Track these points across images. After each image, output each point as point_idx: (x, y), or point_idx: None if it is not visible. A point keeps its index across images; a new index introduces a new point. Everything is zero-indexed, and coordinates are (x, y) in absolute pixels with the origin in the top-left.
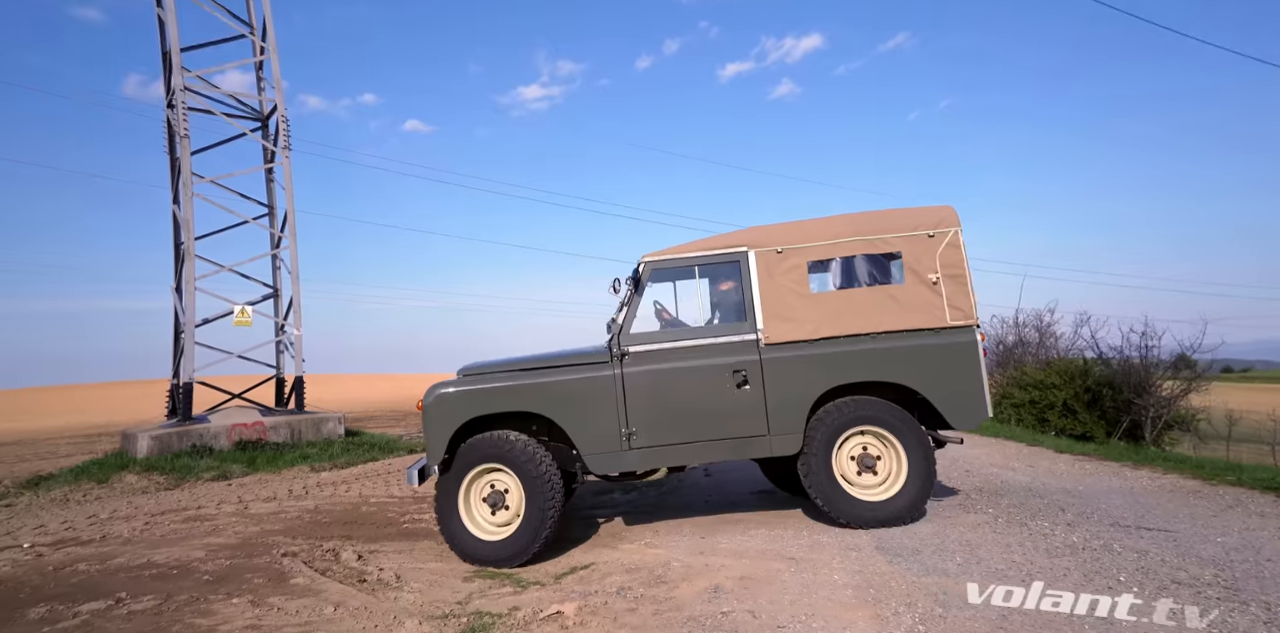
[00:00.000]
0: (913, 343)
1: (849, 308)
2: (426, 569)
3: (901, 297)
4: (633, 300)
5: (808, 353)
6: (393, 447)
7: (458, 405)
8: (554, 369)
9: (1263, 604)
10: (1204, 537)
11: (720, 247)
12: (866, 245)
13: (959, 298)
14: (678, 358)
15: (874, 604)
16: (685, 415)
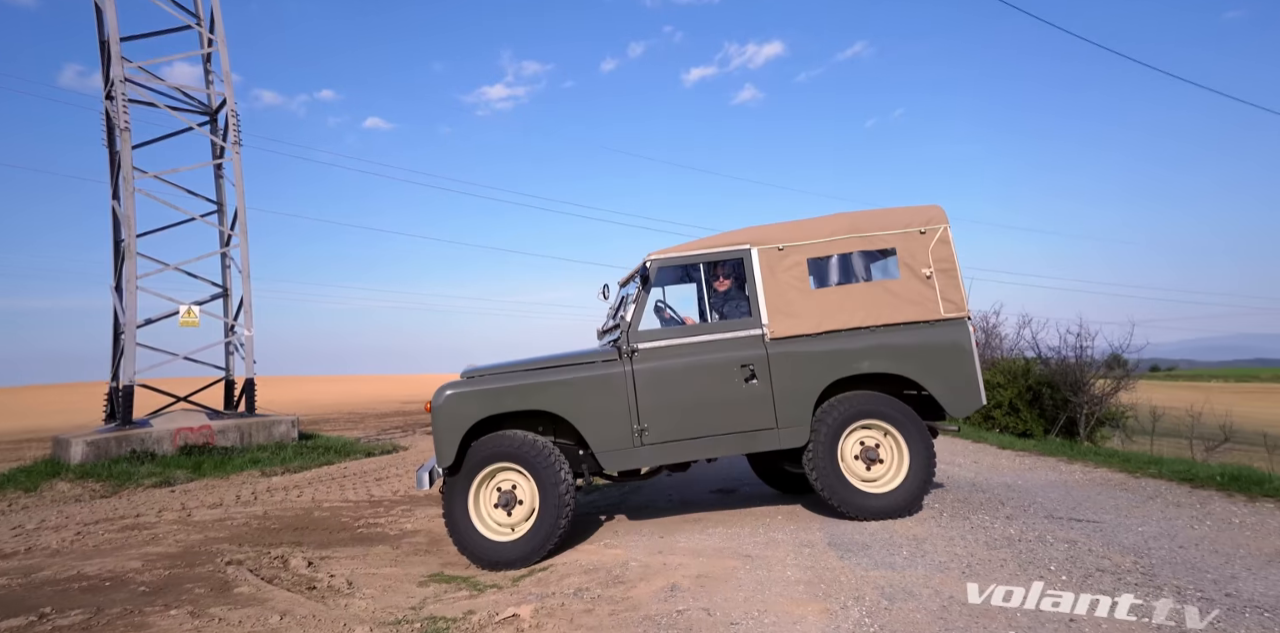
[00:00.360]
0: (910, 335)
1: (848, 303)
2: (380, 575)
3: (897, 291)
4: (640, 298)
5: (812, 347)
6: (349, 450)
7: (470, 405)
8: (564, 368)
9: (1174, 589)
10: (1127, 527)
11: (723, 245)
12: (863, 242)
13: (951, 291)
14: (686, 354)
15: (824, 599)
16: (695, 410)
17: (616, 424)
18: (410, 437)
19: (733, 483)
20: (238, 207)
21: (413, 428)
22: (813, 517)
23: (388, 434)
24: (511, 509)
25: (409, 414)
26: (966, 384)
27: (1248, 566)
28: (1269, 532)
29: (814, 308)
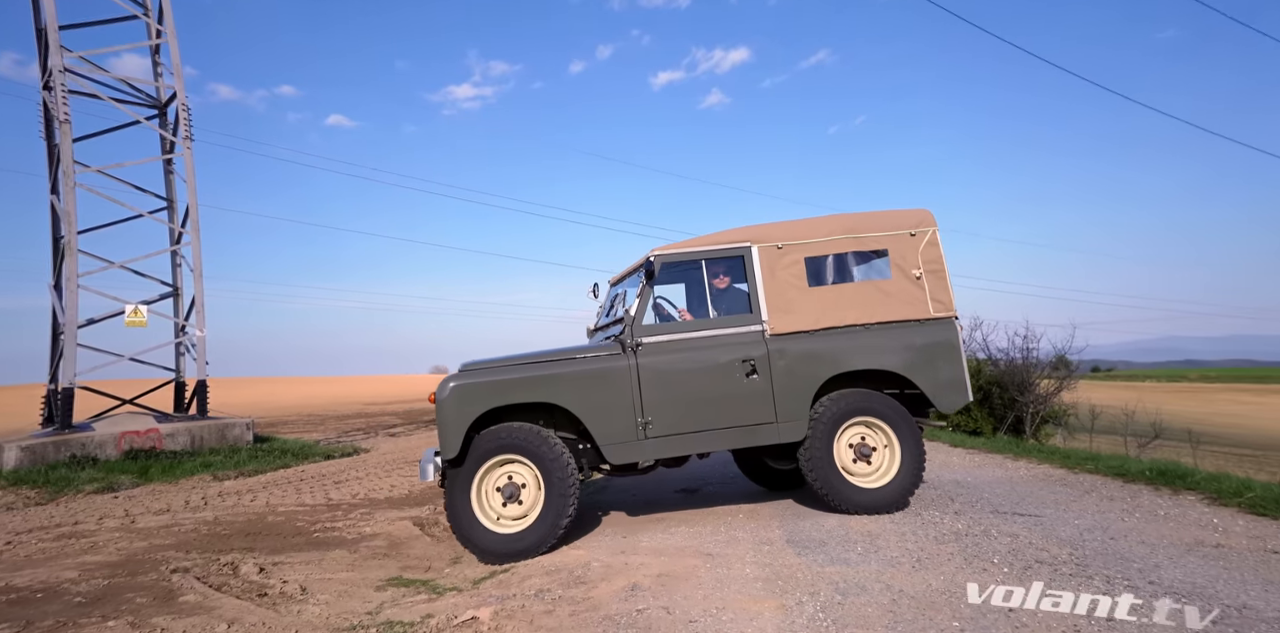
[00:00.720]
0: (902, 333)
1: (843, 301)
2: (336, 579)
3: (889, 290)
4: (645, 293)
5: (810, 343)
6: (308, 453)
7: (476, 396)
8: (569, 362)
9: (1104, 578)
10: (1064, 520)
11: (725, 242)
12: (856, 243)
13: (940, 291)
14: (689, 349)
15: (780, 595)
16: (698, 404)
17: (621, 418)
18: (372, 439)
19: (696, 483)
20: (189, 203)
21: (375, 430)
22: (773, 514)
23: (349, 437)
24: (516, 502)
25: (372, 416)
26: (955, 381)
27: (1169, 555)
28: (1189, 523)
29: (811, 305)
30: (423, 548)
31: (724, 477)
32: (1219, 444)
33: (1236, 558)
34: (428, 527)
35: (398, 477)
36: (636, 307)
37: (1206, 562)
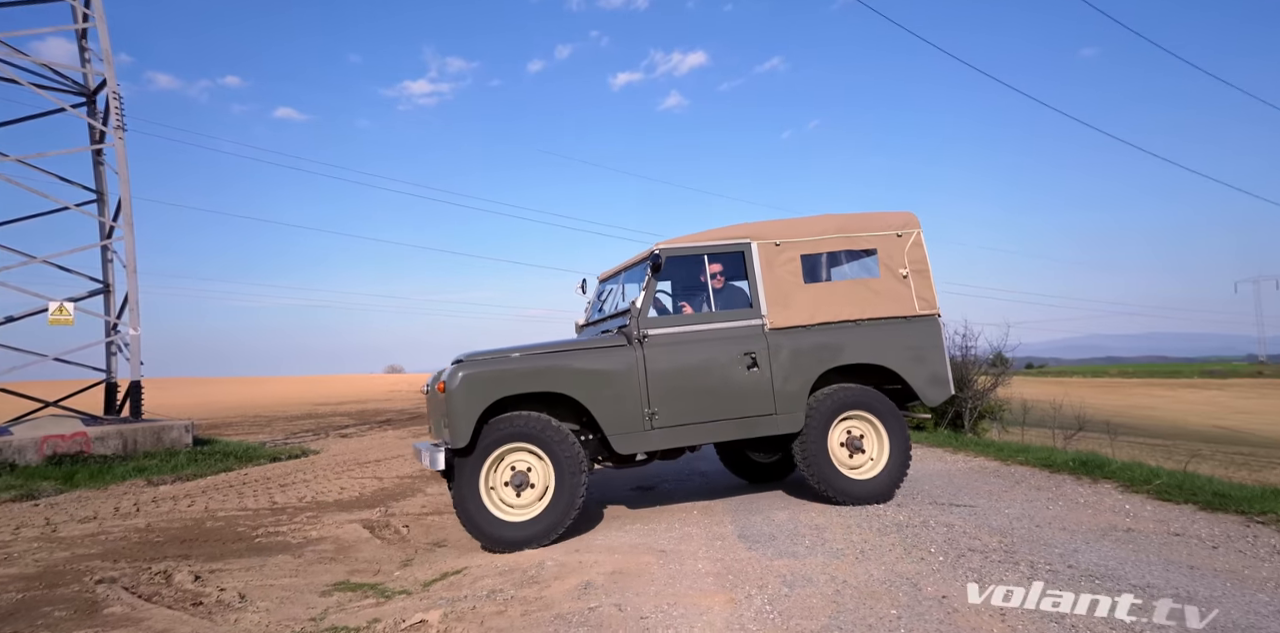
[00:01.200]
0: (891, 330)
1: (836, 297)
2: (278, 586)
3: (878, 288)
4: (650, 286)
5: (807, 338)
6: (252, 455)
7: (487, 385)
8: (578, 352)
9: (1029, 563)
10: (997, 510)
11: (726, 238)
12: (848, 242)
13: (924, 290)
14: (693, 341)
15: (730, 589)
16: (702, 396)
17: (629, 408)
18: (322, 440)
19: (652, 480)
20: (121, 196)
21: (325, 431)
22: (726, 510)
23: (298, 438)
24: (523, 491)
25: (322, 417)
26: (939, 376)
27: (1086, 540)
28: (1105, 509)
29: (807, 301)
30: (372, 551)
31: (679, 474)
32: (1134, 435)
33: (1144, 541)
34: (378, 529)
35: (348, 479)
36: (642, 299)
37: (1118, 546)
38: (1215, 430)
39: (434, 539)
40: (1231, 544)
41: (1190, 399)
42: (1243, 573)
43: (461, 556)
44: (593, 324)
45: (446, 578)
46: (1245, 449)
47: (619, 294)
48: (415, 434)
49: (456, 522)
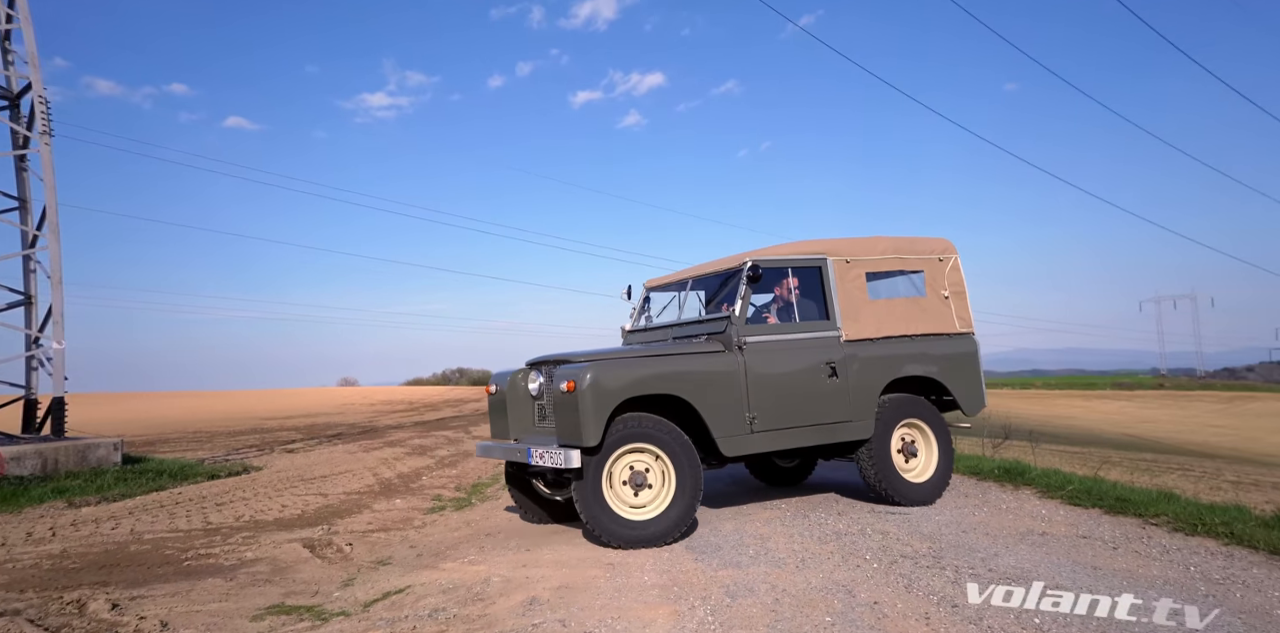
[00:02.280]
0: (939, 345)
1: (894, 313)
2: (205, 611)
3: (925, 307)
4: (747, 295)
5: (876, 350)
6: (188, 473)
7: (617, 385)
8: (691, 357)
9: (954, 567)
10: (928, 516)
11: (805, 253)
12: (901, 263)
13: (962, 310)
14: (784, 349)
15: (675, 601)
16: (794, 401)
17: (733, 412)
18: (266, 456)
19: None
20: (47, 204)
21: (271, 446)
22: None
23: (239, 454)
24: (640, 491)
25: (268, 432)
26: (977, 388)
27: (1006, 544)
28: (1024, 515)
29: (872, 316)
30: (312, 571)
31: None
32: (1055, 443)
33: (1056, 544)
34: (319, 548)
35: (291, 496)
36: (740, 308)
37: (1033, 549)
38: (1125, 438)
39: (378, 557)
40: (1129, 545)
41: (1104, 409)
42: (1137, 572)
43: (406, 574)
44: (647, 330)
45: (388, 597)
46: (1149, 456)
47: (683, 302)
48: (366, 449)
49: (403, 539)
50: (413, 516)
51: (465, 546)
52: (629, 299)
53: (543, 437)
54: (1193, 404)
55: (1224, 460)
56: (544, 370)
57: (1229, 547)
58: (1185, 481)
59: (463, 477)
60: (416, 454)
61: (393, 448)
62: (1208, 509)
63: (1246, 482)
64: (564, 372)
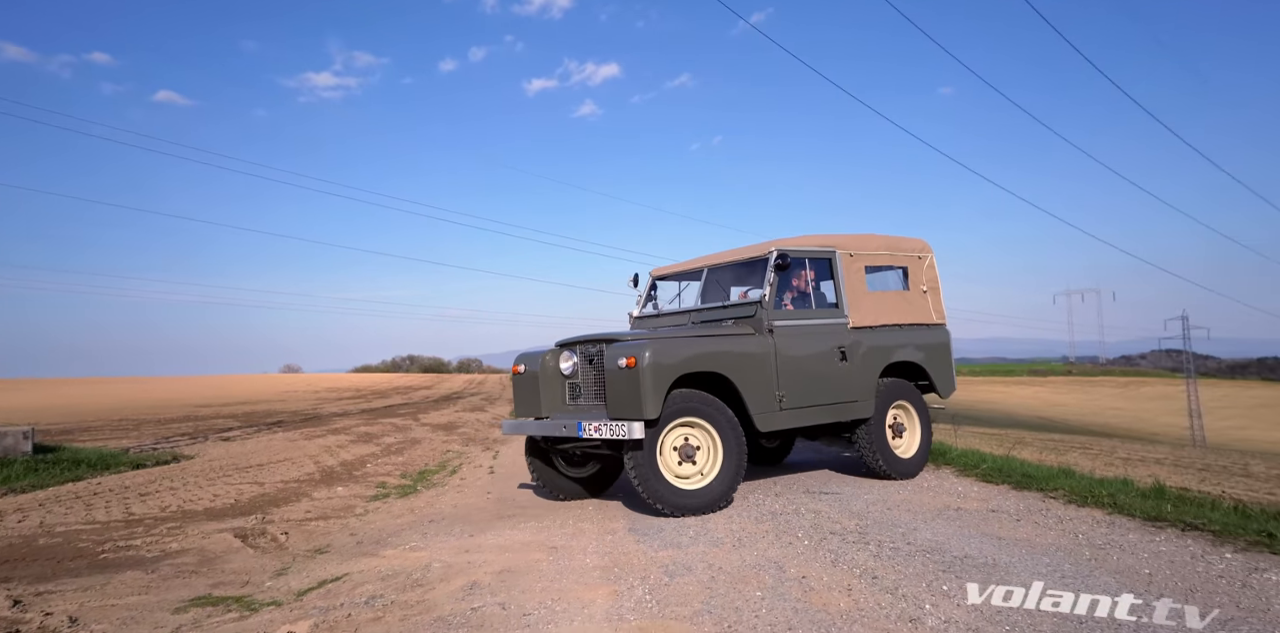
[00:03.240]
0: (922, 334)
1: (886, 304)
2: (121, 605)
3: (910, 299)
4: (775, 282)
5: (875, 337)
6: (110, 462)
7: (673, 361)
8: (733, 338)
9: (877, 542)
10: (857, 496)
11: (818, 245)
12: (891, 259)
13: (937, 304)
14: (805, 334)
15: (615, 581)
16: (813, 382)
17: (766, 390)
18: (199, 444)
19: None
20: None
21: (204, 434)
22: (620, 506)
23: (169, 442)
24: (690, 462)
25: (203, 419)
26: (949, 373)
27: (925, 519)
28: (943, 492)
29: (870, 306)
30: (242, 562)
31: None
32: (977, 425)
33: (968, 518)
34: (252, 537)
35: (224, 485)
36: (769, 294)
37: (948, 523)
38: (1038, 420)
39: (315, 546)
40: (1030, 517)
41: (1021, 394)
42: (1035, 541)
43: (344, 562)
44: (659, 316)
45: (324, 586)
46: (1057, 436)
47: (699, 289)
48: (309, 437)
49: (343, 527)
50: (354, 503)
51: (408, 532)
52: (635, 287)
53: (575, 414)
54: (1096, 389)
55: (1120, 439)
56: (578, 350)
57: (1112, 516)
58: (1085, 458)
59: (409, 464)
60: (362, 442)
61: (337, 436)
62: (1098, 483)
63: (1135, 458)
64: (621, 349)
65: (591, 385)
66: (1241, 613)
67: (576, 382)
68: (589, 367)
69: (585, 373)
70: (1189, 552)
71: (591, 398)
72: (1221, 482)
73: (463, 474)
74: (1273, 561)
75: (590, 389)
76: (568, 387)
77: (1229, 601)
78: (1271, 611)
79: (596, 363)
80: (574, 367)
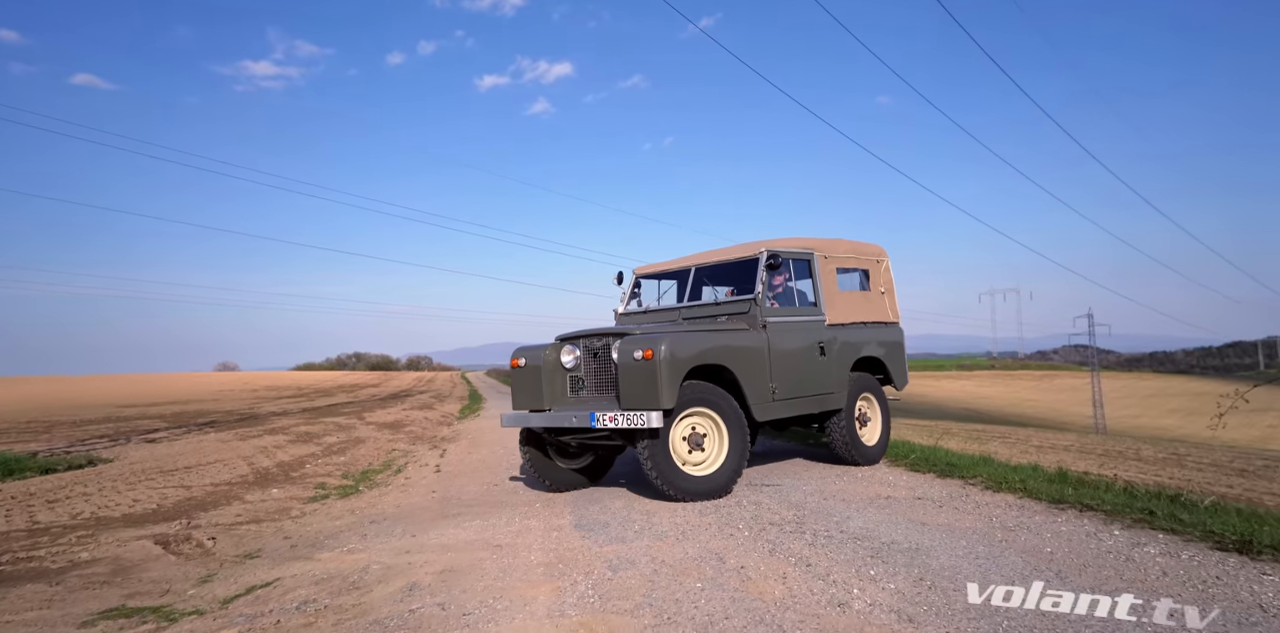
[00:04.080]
0: (882, 332)
1: (853, 304)
2: (18, 621)
3: (871, 299)
4: (768, 281)
5: (846, 334)
6: (14, 467)
7: (687, 353)
8: (734, 333)
9: (812, 532)
10: (796, 487)
11: (799, 247)
12: (855, 262)
13: (893, 304)
14: (792, 330)
15: (558, 578)
16: (799, 374)
17: (762, 382)
18: (120, 447)
19: (500, 476)
20: None
21: (127, 436)
22: (567, 502)
23: (85, 445)
24: (695, 451)
25: (126, 420)
26: (904, 368)
27: (858, 508)
28: (875, 482)
29: (842, 305)
30: (163, 570)
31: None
32: (908, 417)
33: (897, 506)
34: (175, 544)
35: (146, 489)
36: (762, 291)
37: (880, 511)
38: (964, 411)
39: (246, 550)
40: (951, 503)
41: (949, 387)
42: (954, 525)
43: (275, 566)
44: (647, 312)
45: (253, 592)
46: (980, 426)
47: (685, 288)
48: (243, 437)
49: (276, 530)
50: (290, 505)
51: (346, 534)
52: (619, 285)
53: (579, 406)
54: (1016, 381)
55: (1035, 428)
56: (580, 344)
57: (1023, 500)
58: (1004, 446)
59: (352, 464)
60: (301, 442)
61: (274, 436)
62: (1012, 470)
63: (1046, 446)
64: (636, 342)
65: (594, 378)
66: (1131, 586)
67: (579, 375)
68: (592, 360)
69: (588, 366)
70: (1084, 531)
71: (594, 390)
72: (1117, 465)
73: (408, 474)
74: (1151, 536)
75: (593, 382)
76: (569, 380)
77: (1114, 574)
78: (1147, 581)
79: (601, 356)
80: (576, 360)
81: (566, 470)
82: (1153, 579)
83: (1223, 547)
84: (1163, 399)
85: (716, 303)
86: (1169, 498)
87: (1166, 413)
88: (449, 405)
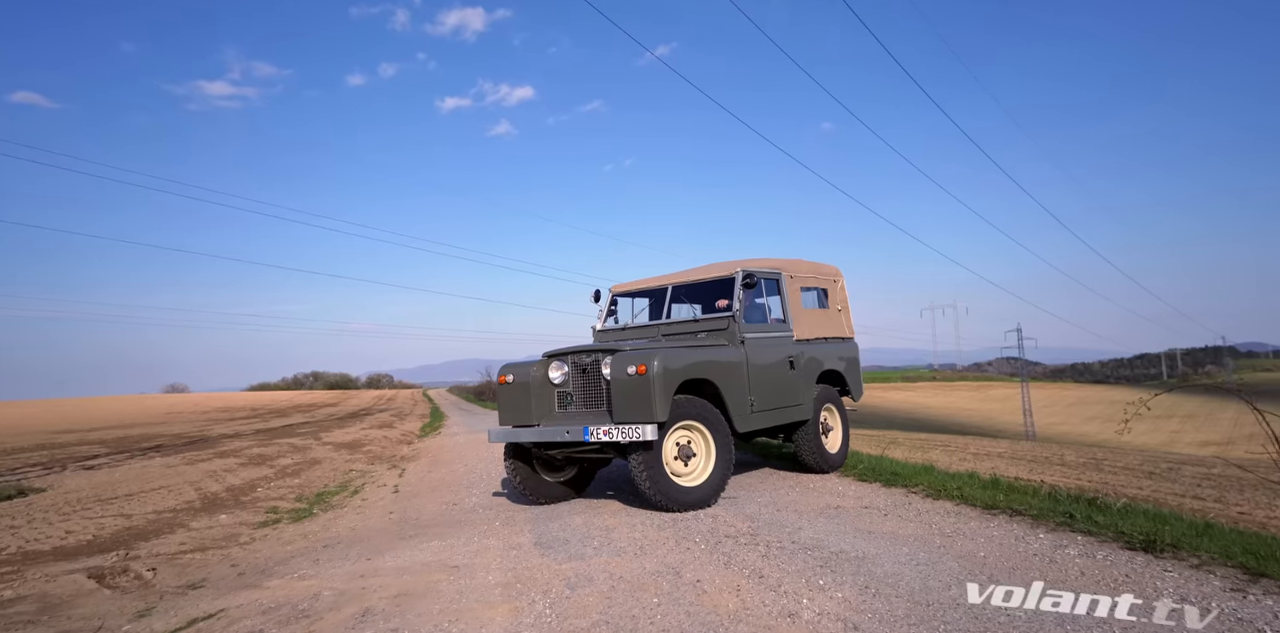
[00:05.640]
0: (841, 347)
1: (815, 321)
2: None
3: (829, 317)
4: (746, 298)
5: (811, 349)
6: None
7: (678, 371)
8: (713, 348)
9: (766, 543)
10: (751, 499)
11: (769, 267)
12: (816, 281)
13: (848, 321)
14: (766, 345)
15: (516, 598)
16: (772, 388)
17: (742, 395)
18: (54, 475)
19: (460, 495)
20: None
21: (63, 463)
22: (527, 520)
23: (16, 474)
24: (686, 462)
25: (62, 446)
26: (859, 381)
27: (809, 519)
28: (826, 492)
29: (806, 321)
30: (96, 605)
31: (487, 486)
32: (857, 427)
33: (845, 515)
34: (111, 577)
35: (81, 519)
36: (740, 309)
37: (829, 521)
38: (909, 421)
39: (189, 581)
40: (895, 511)
41: (895, 398)
42: (898, 532)
43: (221, 596)
44: (625, 329)
45: (194, 625)
46: (924, 435)
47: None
48: (191, 461)
49: (223, 558)
50: (239, 531)
51: (298, 559)
52: (596, 303)
53: (567, 420)
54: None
55: (972, 436)
56: (569, 360)
57: (960, 506)
58: (944, 454)
59: (306, 486)
60: (253, 465)
61: (224, 459)
62: (951, 478)
63: (982, 453)
64: (628, 358)
65: (582, 393)
66: (1058, 586)
67: (567, 390)
68: (580, 376)
69: (576, 382)
70: (1014, 535)
71: (582, 405)
72: (1044, 471)
73: (365, 495)
74: (1071, 538)
75: (581, 397)
76: (558, 395)
77: (1038, 575)
78: (1068, 581)
79: (590, 372)
80: (565, 376)
81: (552, 483)
82: (1072, 579)
83: (1131, 546)
84: (1083, 407)
85: (695, 320)
86: (1087, 501)
87: (1086, 420)
88: (410, 424)
